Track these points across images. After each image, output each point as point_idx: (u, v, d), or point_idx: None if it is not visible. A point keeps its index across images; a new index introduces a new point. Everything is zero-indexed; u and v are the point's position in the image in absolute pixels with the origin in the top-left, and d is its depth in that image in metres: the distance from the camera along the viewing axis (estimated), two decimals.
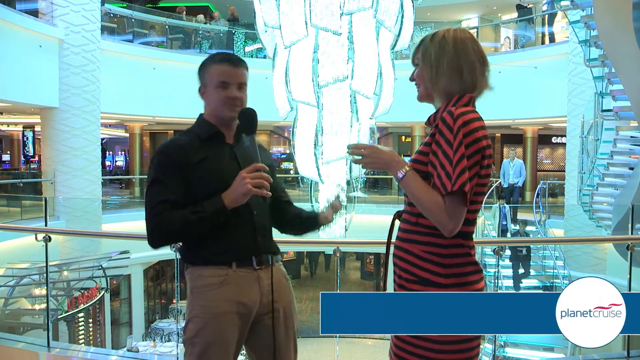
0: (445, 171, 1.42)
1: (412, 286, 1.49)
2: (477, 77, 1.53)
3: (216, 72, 1.78)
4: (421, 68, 1.57)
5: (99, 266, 8.77)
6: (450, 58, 1.51)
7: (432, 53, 1.53)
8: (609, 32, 5.26)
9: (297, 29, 6.89)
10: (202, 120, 1.83)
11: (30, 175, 14.10)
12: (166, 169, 1.71)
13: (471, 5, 16.22)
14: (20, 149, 18.64)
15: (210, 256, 1.74)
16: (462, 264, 1.48)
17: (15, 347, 3.39)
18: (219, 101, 1.78)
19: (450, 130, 1.43)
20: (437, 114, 1.55)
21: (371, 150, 1.54)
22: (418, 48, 1.59)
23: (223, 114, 1.79)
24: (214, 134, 1.80)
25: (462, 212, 1.43)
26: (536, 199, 10.96)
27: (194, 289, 1.74)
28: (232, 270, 1.73)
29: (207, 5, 16.96)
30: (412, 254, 1.50)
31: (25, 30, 9.29)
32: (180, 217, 1.67)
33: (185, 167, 1.70)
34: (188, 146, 1.74)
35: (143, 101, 12.37)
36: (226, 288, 1.71)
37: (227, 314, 1.70)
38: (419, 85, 1.60)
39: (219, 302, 1.70)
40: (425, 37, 1.58)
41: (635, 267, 3.40)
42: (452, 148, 1.42)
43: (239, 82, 1.78)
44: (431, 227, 1.47)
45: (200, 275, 1.74)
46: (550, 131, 16.39)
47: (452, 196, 1.41)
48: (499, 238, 9.40)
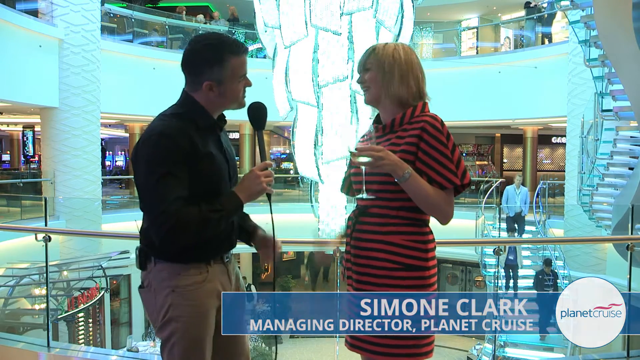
0: (448, 168, 1.63)
1: (396, 273, 1.65)
2: (421, 86, 1.74)
3: (238, 65, 1.67)
4: (374, 72, 1.73)
5: (98, 266, 8.76)
6: (402, 67, 1.71)
7: (386, 61, 1.71)
8: (609, 32, 5.27)
9: (297, 29, 6.89)
10: (198, 107, 1.68)
11: (30, 175, 14.10)
12: (175, 158, 1.56)
13: (471, 5, 16.21)
14: (20, 149, 18.65)
15: (192, 254, 1.66)
16: (434, 248, 1.72)
17: (15, 347, 3.39)
18: (239, 92, 1.71)
19: (442, 134, 1.65)
20: (404, 118, 1.71)
21: (384, 151, 1.61)
22: (370, 55, 1.75)
23: (242, 103, 1.74)
24: (212, 124, 1.71)
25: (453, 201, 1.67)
26: (536, 199, 10.96)
27: (177, 288, 1.64)
28: (210, 267, 1.71)
29: (207, 5, 16.96)
30: (394, 245, 1.65)
31: (25, 30, 9.28)
32: (198, 216, 1.56)
33: (189, 158, 1.59)
34: (192, 134, 1.61)
35: (143, 101, 12.35)
36: (209, 284, 1.69)
37: (211, 309, 1.69)
38: (368, 89, 1.75)
39: (204, 299, 1.67)
40: (377, 46, 1.76)
41: (635, 267, 3.40)
42: (447, 148, 1.64)
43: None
44: (412, 218, 1.67)
45: (183, 274, 1.65)
46: (550, 131, 16.39)
47: (452, 189, 1.65)
48: (498, 238, 9.40)
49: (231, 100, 1.71)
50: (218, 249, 1.75)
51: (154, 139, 1.59)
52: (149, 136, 1.61)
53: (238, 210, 1.69)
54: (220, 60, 1.65)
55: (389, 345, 1.65)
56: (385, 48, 1.73)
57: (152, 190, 1.58)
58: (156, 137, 1.59)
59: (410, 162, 1.63)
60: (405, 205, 1.66)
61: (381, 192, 1.68)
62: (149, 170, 1.58)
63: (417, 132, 1.65)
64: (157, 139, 1.58)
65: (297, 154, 7.23)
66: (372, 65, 1.73)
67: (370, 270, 1.68)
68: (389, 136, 1.72)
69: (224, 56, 1.65)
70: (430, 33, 15.38)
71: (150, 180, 1.58)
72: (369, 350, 1.69)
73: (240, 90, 1.71)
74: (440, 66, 13.17)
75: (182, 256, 1.65)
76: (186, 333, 1.64)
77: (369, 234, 1.69)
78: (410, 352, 1.66)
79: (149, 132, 1.62)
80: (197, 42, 1.69)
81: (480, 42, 15.36)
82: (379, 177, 1.66)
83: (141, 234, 1.73)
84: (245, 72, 1.71)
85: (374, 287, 1.67)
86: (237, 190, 1.66)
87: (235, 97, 1.71)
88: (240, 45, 1.69)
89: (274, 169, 1.67)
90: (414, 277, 1.65)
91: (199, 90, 1.68)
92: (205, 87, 1.67)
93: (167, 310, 1.65)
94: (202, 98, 1.69)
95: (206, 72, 1.65)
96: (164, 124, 1.62)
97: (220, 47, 1.65)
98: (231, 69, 1.66)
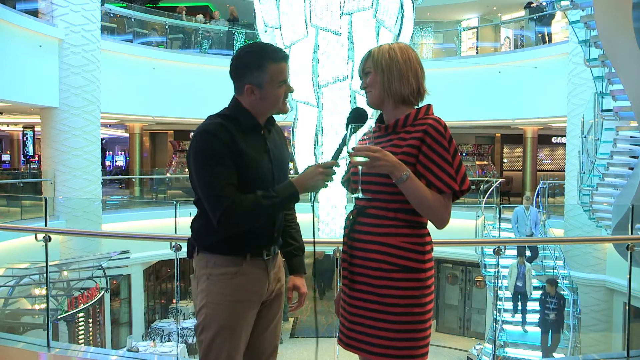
0: (447, 173, 1.63)
1: (393, 275, 1.65)
2: (420, 81, 1.74)
3: (277, 71, 1.78)
4: (373, 74, 1.74)
5: (98, 266, 8.76)
6: (400, 64, 1.72)
7: (383, 60, 1.72)
8: (609, 32, 5.26)
9: (297, 29, 6.90)
10: (242, 109, 1.81)
11: (30, 175, 14.10)
12: (219, 150, 1.69)
13: (471, 5, 16.21)
14: (20, 149, 18.65)
15: (230, 246, 1.77)
16: (431, 250, 1.72)
17: (15, 347, 3.39)
18: (280, 98, 1.82)
19: (444, 138, 1.64)
20: (407, 119, 1.71)
21: (381, 152, 1.60)
22: (367, 59, 1.77)
23: (283, 109, 1.86)
24: (256, 126, 1.82)
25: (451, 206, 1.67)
26: (536, 198, 10.96)
27: (211, 276, 1.77)
28: (246, 261, 1.80)
29: (207, 5, 16.96)
30: (391, 246, 1.66)
31: (25, 30, 9.28)
32: (252, 201, 1.67)
33: (233, 152, 1.70)
34: (234, 132, 1.73)
35: (143, 101, 12.37)
36: (241, 278, 1.78)
37: (241, 301, 1.78)
38: (370, 91, 1.76)
39: (234, 290, 1.77)
40: (372, 50, 1.78)
41: (635, 267, 3.40)
42: (448, 153, 1.64)
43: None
44: (409, 221, 1.67)
45: (217, 263, 1.77)
46: (550, 131, 16.39)
47: (450, 194, 1.65)
48: (498, 238, 9.39)
49: (272, 104, 1.82)
50: (255, 243, 1.81)
51: (198, 137, 1.72)
52: (195, 135, 1.75)
53: (292, 199, 1.75)
54: (260, 65, 1.77)
55: (384, 346, 1.66)
56: (380, 49, 1.76)
57: (203, 179, 1.70)
58: (200, 135, 1.72)
59: (411, 165, 1.63)
60: (403, 207, 1.65)
61: (379, 193, 1.68)
62: (197, 163, 1.71)
63: (420, 134, 1.65)
64: (201, 136, 1.71)
65: (297, 154, 7.24)
66: (370, 68, 1.75)
67: (367, 271, 1.68)
68: (391, 137, 1.72)
69: (263, 62, 1.77)
70: (430, 33, 15.37)
71: (200, 171, 1.71)
72: (365, 350, 1.69)
73: (281, 95, 1.82)
74: (440, 66, 13.17)
75: (219, 247, 1.78)
76: (215, 320, 1.75)
77: (366, 235, 1.69)
78: (406, 353, 1.66)
79: (195, 132, 1.75)
80: (241, 49, 1.83)
81: (480, 42, 15.36)
82: (377, 178, 1.66)
83: (191, 225, 1.87)
84: (285, 79, 1.81)
85: (370, 288, 1.68)
86: (295, 180, 1.74)
87: (276, 102, 1.82)
88: (280, 52, 1.81)
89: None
90: (410, 279, 1.65)
91: (242, 93, 1.81)
92: (247, 90, 1.79)
93: (203, 297, 1.78)
94: (245, 101, 1.81)
95: (247, 76, 1.78)
96: (208, 122, 1.75)
97: (260, 53, 1.79)
98: (270, 74, 1.77)
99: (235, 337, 1.77)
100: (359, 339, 1.70)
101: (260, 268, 1.83)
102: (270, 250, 1.86)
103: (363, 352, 1.70)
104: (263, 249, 1.84)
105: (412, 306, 1.65)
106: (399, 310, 1.64)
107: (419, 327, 1.66)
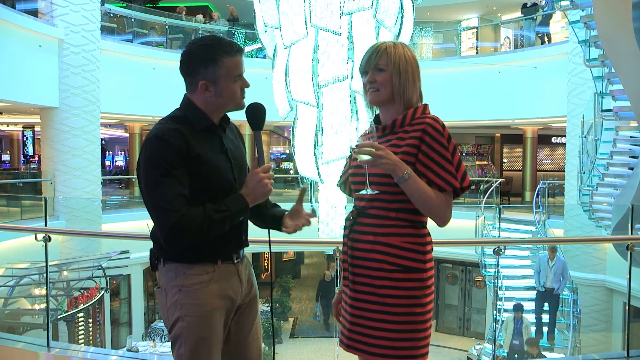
0: (448, 171, 1.63)
1: (394, 275, 1.65)
2: (419, 86, 1.75)
3: (233, 65, 1.68)
4: (389, 74, 1.69)
5: (98, 266, 8.76)
6: (413, 68, 1.71)
7: (401, 62, 1.69)
8: (608, 32, 5.26)
9: (297, 29, 6.90)
10: (195, 109, 1.70)
11: (30, 175, 14.10)
12: (172, 159, 1.58)
13: (471, 5, 16.21)
14: (20, 149, 18.65)
15: (199, 253, 1.68)
16: (431, 249, 1.72)
17: (15, 347, 3.39)
18: (236, 93, 1.71)
19: (442, 136, 1.64)
20: (405, 120, 1.70)
21: (384, 150, 1.59)
22: (380, 55, 1.70)
23: (240, 104, 1.73)
24: (210, 126, 1.71)
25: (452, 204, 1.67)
26: (536, 198, 10.95)
27: (183, 287, 1.67)
28: (217, 267, 1.72)
29: (207, 5, 16.96)
30: (392, 246, 1.65)
31: (25, 30, 9.28)
32: (202, 214, 1.59)
33: (186, 159, 1.60)
34: (188, 136, 1.62)
35: (143, 101, 12.36)
36: (215, 284, 1.70)
37: (217, 309, 1.70)
38: (378, 90, 1.71)
39: (209, 299, 1.68)
40: (387, 45, 1.72)
41: (635, 267, 3.40)
42: (448, 151, 1.64)
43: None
44: (411, 220, 1.67)
45: (188, 273, 1.67)
46: (550, 131, 16.39)
47: (451, 192, 1.65)
48: (498, 238, 9.39)
49: (228, 101, 1.71)
50: (225, 248, 1.75)
51: (149, 143, 1.62)
52: (145, 140, 1.64)
53: (243, 213, 1.68)
54: (214, 59, 1.66)
55: (385, 346, 1.65)
56: (396, 48, 1.71)
57: (152, 190, 1.60)
58: (151, 141, 1.61)
59: (411, 164, 1.63)
60: (404, 207, 1.65)
61: (380, 193, 1.67)
62: (147, 172, 1.61)
63: (419, 134, 1.65)
64: (152, 142, 1.61)
65: (297, 154, 7.24)
66: (386, 67, 1.70)
67: (368, 271, 1.68)
68: (389, 137, 1.71)
69: (218, 56, 1.66)
70: (430, 33, 15.39)
71: (150, 181, 1.60)
72: (366, 351, 1.69)
73: (237, 90, 1.71)
74: (440, 66, 13.17)
75: (188, 256, 1.68)
76: (192, 332, 1.66)
77: (367, 235, 1.69)
78: (407, 353, 1.66)
79: (146, 137, 1.65)
80: (192, 43, 1.71)
81: (480, 42, 15.37)
82: (378, 179, 1.66)
83: (152, 236, 1.76)
84: (241, 73, 1.71)
85: (372, 289, 1.67)
86: (243, 192, 1.67)
87: (232, 97, 1.71)
88: (234, 46, 1.70)
89: (274, 170, 1.64)
90: (411, 279, 1.65)
91: (195, 91, 1.70)
92: (201, 87, 1.68)
93: (175, 310, 1.68)
94: (199, 100, 1.70)
95: (201, 72, 1.67)
96: (160, 127, 1.65)
97: (214, 47, 1.67)
98: (226, 69, 1.67)
99: (215, 347, 1.70)
100: (360, 340, 1.70)
101: (232, 272, 1.76)
102: (239, 254, 1.79)
103: (364, 353, 1.70)
104: (233, 253, 1.76)
105: (413, 306, 1.64)
106: (400, 311, 1.64)
107: (420, 327, 1.66)
